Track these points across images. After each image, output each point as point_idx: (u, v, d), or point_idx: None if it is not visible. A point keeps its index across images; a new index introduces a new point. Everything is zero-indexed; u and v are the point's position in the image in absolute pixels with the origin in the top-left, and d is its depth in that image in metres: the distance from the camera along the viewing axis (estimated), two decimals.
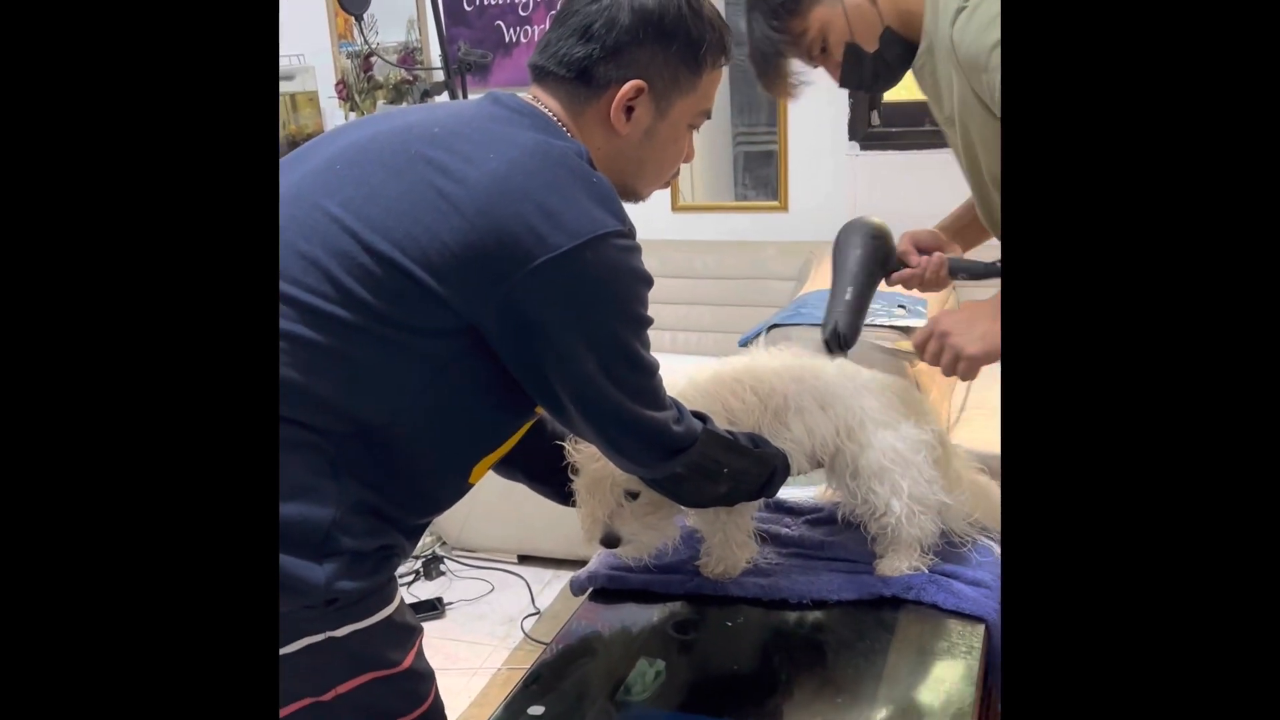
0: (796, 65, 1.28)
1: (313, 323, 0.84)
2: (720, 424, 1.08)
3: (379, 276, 0.84)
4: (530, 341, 0.87)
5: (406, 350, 0.86)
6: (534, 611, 2.52)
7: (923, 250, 1.35)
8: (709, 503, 1.12)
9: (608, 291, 0.88)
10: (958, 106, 1.22)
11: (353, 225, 0.84)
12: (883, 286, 1.38)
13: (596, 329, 0.88)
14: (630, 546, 1.15)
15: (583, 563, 2.64)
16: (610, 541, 1.13)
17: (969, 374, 1.20)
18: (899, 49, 1.24)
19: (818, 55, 1.27)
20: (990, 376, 1.14)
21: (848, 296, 1.31)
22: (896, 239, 1.37)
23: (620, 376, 0.90)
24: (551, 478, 1.16)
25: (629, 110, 0.96)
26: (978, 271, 1.34)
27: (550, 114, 0.95)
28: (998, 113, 1.09)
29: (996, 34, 1.06)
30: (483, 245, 0.83)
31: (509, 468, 1.17)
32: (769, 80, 1.28)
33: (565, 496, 1.17)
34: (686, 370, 1.19)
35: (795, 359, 1.23)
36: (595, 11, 0.94)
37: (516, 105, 0.95)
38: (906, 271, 1.35)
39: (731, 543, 1.21)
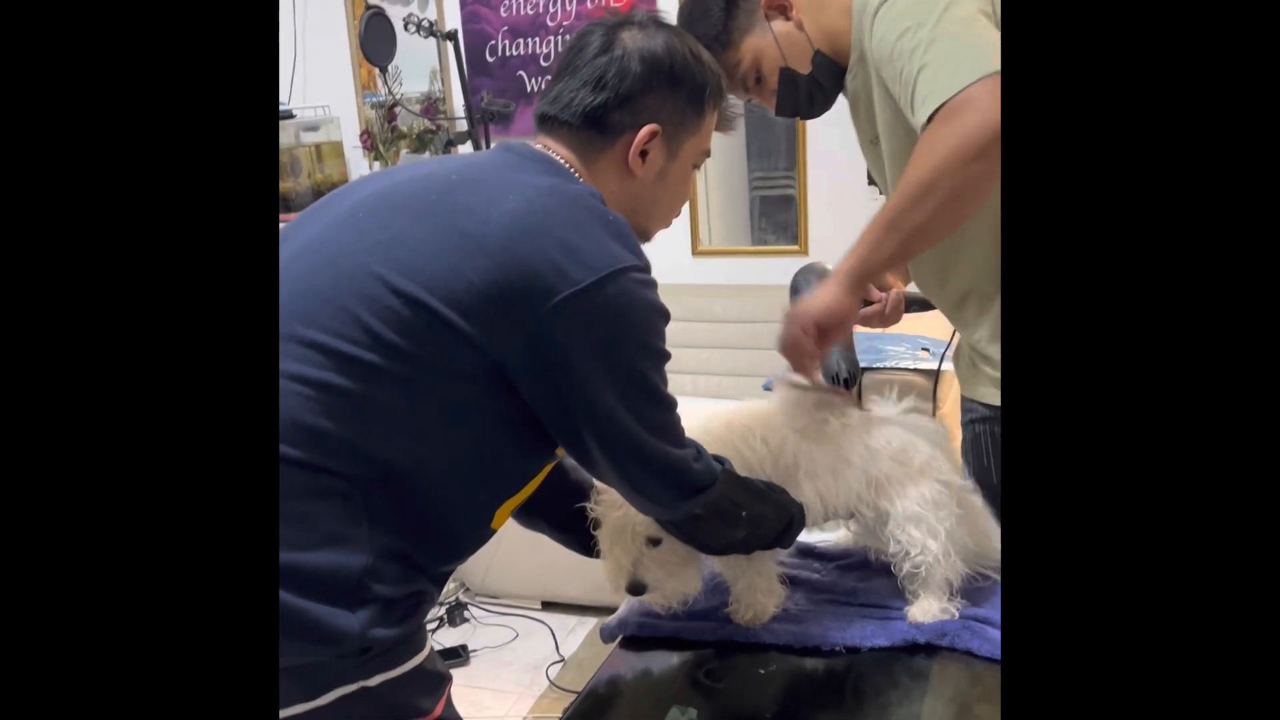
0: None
1: (343, 369, 0.84)
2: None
3: (407, 318, 0.85)
4: (553, 377, 0.88)
5: (432, 393, 0.87)
6: (559, 659, 2.50)
7: (881, 288, 1.38)
8: (727, 549, 1.11)
9: (628, 324, 0.89)
10: (879, 120, 1.24)
11: (379, 269, 0.86)
12: (898, 329, 1.40)
13: (617, 361, 0.89)
14: (655, 594, 1.14)
15: (606, 609, 2.63)
16: (636, 589, 1.12)
17: (823, 336, 1.16)
18: (830, 70, 1.27)
19: (752, 86, 1.30)
20: None
21: None
22: None
23: (640, 410, 0.91)
24: (574, 526, 1.16)
25: (643, 154, 0.98)
26: (929, 303, 1.41)
27: (562, 160, 0.98)
28: (901, 103, 1.10)
29: (907, 22, 1.08)
30: (507, 282, 0.85)
31: (532, 518, 1.17)
32: None
33: (588, 547, 1.16)
34: (700, 417, 1.18)
35: (810, 413, 1.21)
36: (606, 63, 0.97)
37: (528, 153, 0.98)
38: (870, 308, 1.38)
39: (756, 590, 1.20)
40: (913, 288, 1.44)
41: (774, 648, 1.17)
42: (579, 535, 1.15)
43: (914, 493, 1.17)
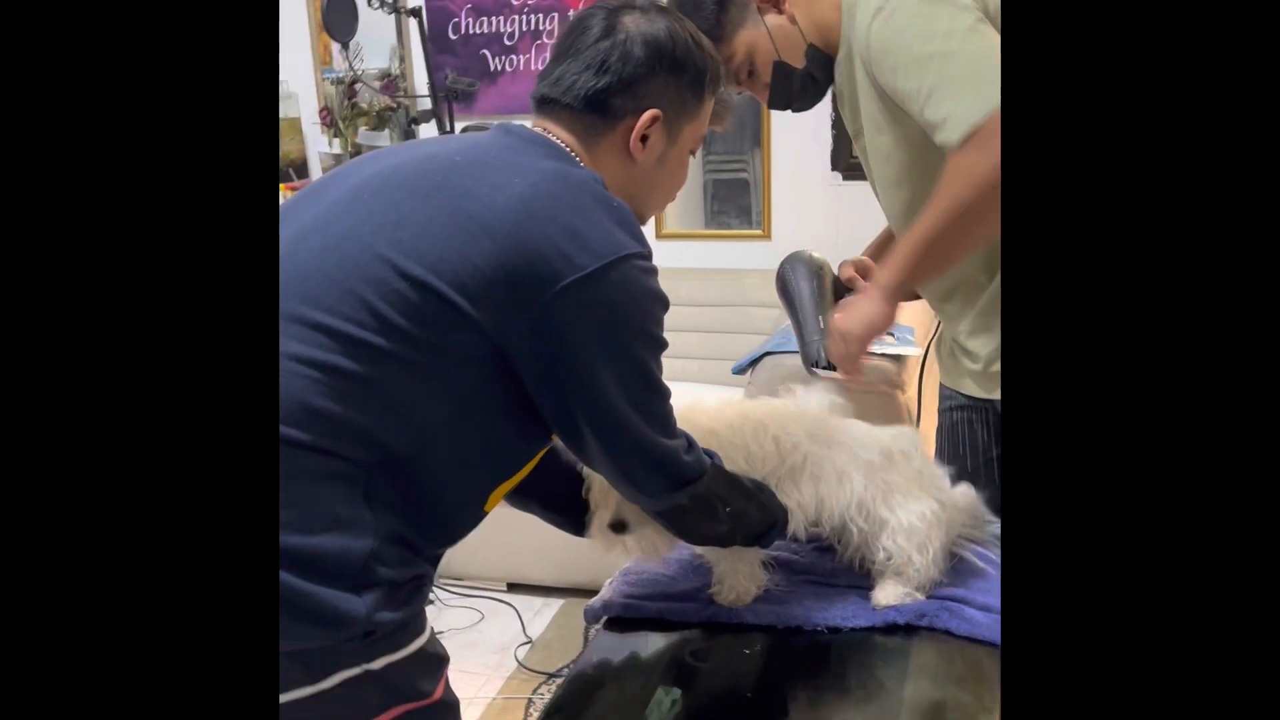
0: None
1: (350, 352, 0.84)
2: (739, 466, 1.10)
3: (414, 301, 0.85)
4: (554, 362, 0.88)
5: (436, 376, 0.87)
6: (526, 640, 2.51)
7: (864, 276, 1.41)
8: (707, 541, 1.13)
9: (630, 311, 0.90)
10: (864, 115, 1.27)
11: (386, 252, 0.86)
12: None
13: (617, 348, 0.90)
14: (637, 539, 1.14)
15: (573, 590, 2.64)
16: (618, 526, 1.13)
17: (858, 351, 1.25)
18: (823, 63, 1.30)
19: (745, 80, 1.32)
20: None
21: (821, 324, 1.35)
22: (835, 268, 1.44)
23: (637, 398, 0.92)
24: (568, 507, 1.17)
25: (644, 139, 0.99)
26: (915, 294, 1.41)
27: (562, 144, 0.98)
28: (913, 112, 1.12)
29: (912, 32, 1.10)
30: (512, 266, 0.85)
31: (524, 499, 1.17)
32: None
33: (581, 527, 1.17)
34: (714, 402, 1.19)
35: (827, 416, 1.22)
36: (609, 47, 0.97)
37: (529, 135, 0.98)
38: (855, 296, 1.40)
39: (739, 573, 1.22)
40: None
41: (757, 628, 1.19)
42: (572, 516, 1.16)
43: (915, 507, 1.18)
